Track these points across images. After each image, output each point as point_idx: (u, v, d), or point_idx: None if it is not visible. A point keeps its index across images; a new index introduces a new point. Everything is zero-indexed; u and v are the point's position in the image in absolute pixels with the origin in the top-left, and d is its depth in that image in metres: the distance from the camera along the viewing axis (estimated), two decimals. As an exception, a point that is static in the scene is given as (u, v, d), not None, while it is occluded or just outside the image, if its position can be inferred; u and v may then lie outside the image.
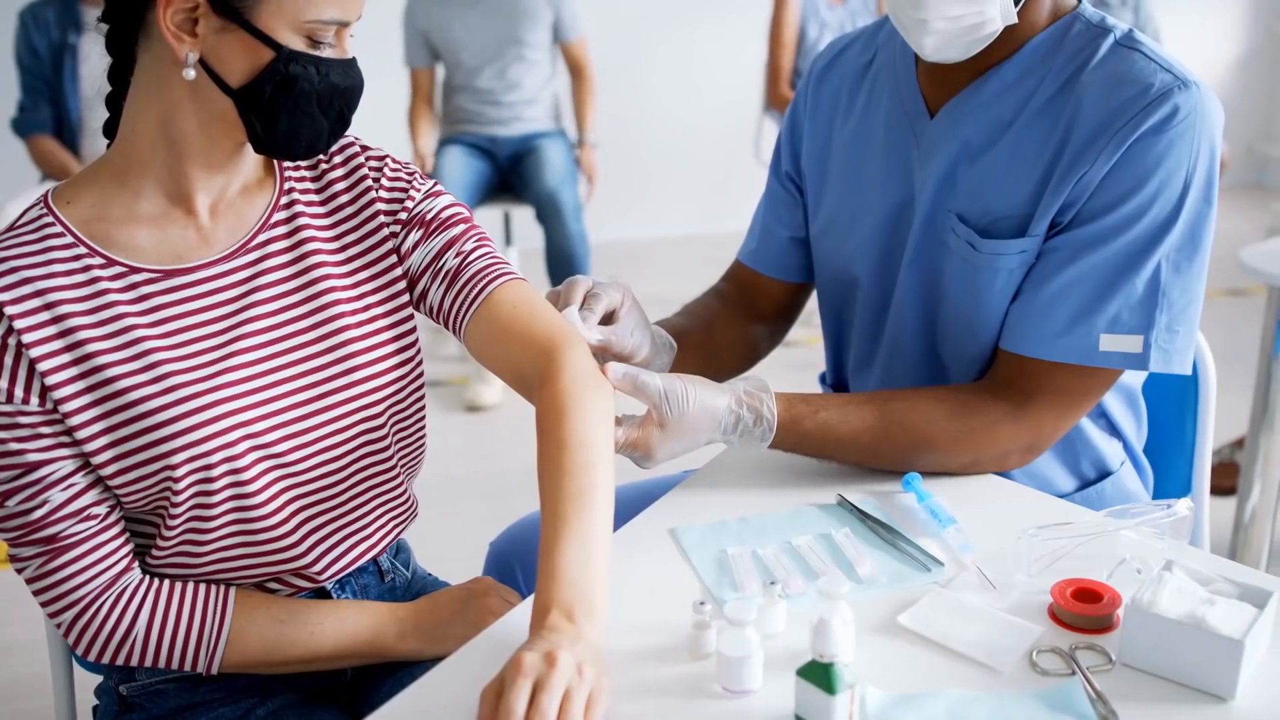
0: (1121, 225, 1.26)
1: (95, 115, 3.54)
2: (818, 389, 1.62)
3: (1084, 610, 1.08)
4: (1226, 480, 2.79)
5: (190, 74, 1.10)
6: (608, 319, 1.35)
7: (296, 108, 1.12)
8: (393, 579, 1.36)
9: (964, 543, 1.19)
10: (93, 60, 3.50)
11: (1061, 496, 1.43)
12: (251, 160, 1.22)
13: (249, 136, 1.14)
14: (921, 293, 1.41)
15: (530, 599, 1.10)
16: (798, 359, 3.27)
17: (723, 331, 1.58)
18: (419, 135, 3.92)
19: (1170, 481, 1.61)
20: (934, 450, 1.33)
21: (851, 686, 0.94)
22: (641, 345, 1.38)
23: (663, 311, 1.57)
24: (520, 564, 1.49)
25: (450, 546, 1.97)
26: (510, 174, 3.92)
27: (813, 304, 1.67)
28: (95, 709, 1.32)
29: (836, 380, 1.61)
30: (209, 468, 1.13)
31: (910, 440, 1.33)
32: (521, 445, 3.37)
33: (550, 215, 3.76)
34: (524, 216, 4.43)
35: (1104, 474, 1.46)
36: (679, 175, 5.60)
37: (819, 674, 0.94)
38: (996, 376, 1.35)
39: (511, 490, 3.12)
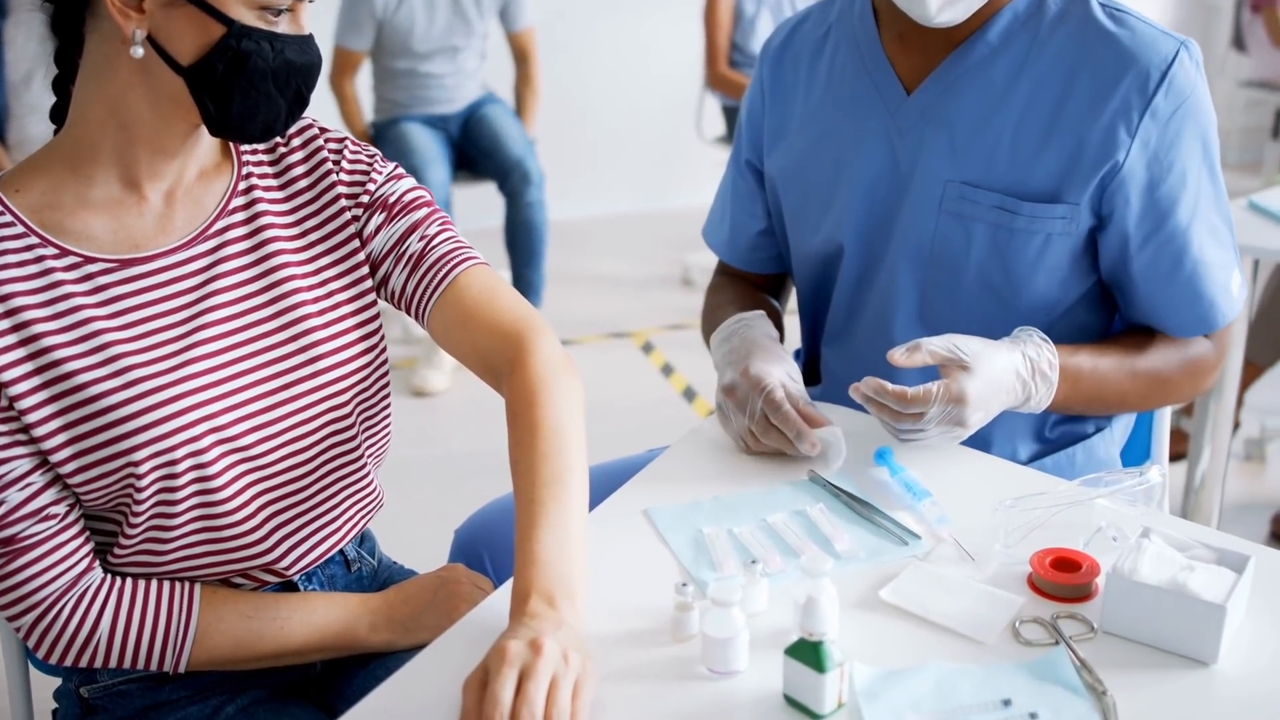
0: (1196, 190, 1.33)
1: (21, 102, 3.44)
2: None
3: (1064, 579, 1.08)
4: (1174, 447, 2.83)
5: (138, 52, 1.05)
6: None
7: (251, 86, 1.08)
8: (359, 568, 1.34)
9: (940, 515, 1.19)
10: (18, 45, 3.40)
11: (1030, 462, 1.44)
12: (208, 144, 1.18)
13: (203, 118, 1.10)
14: (915, 263, 1.40)
15: (504, 586, 1.08)
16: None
17: (751, 306, 1.55)
18: (355, 115, 3.85)
19: (1129, 449, 1.63)
20: (1166, 385, 1.39)
21: (841, 664, 0.93)
22: (794, 373, 1.37)
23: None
24: (489, 551, 1.47)
25: (408, 533, 1.94)
26: (466, 145, 3.88)
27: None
28: (55, 712, 1.28)
29: (810, 351, 1.60)
30: (173, 463, 1.10)
31: (1153, 378, 1.37)
32: (470, 429, 3.38)
33: (518, 184, 3.74)
34: (463, 196, 4.40)
35: (1074, 439, 1.47)
36: (620, 153, 5.57)
37: (808, 652, 0.93)
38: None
39: (465, 474, 3.10)
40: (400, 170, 1.27)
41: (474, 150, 3.86)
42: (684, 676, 1.00)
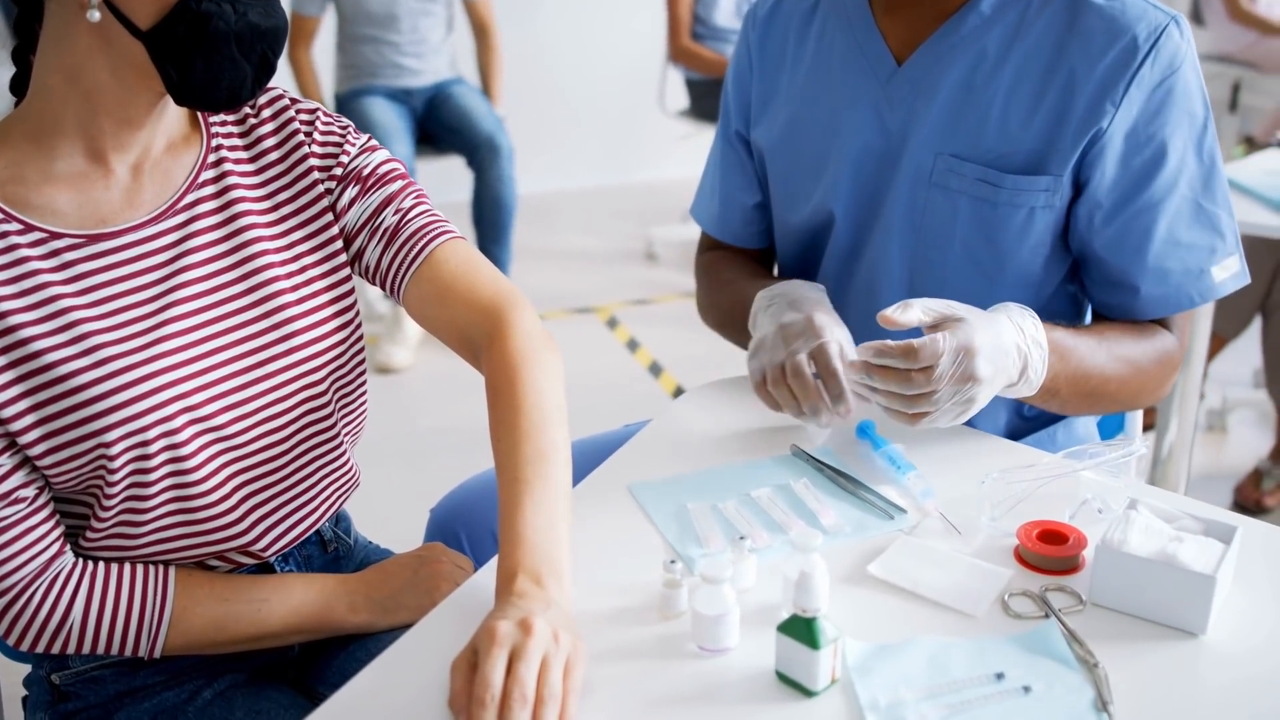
0: (1178, 167, 1.30)
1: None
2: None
3: (1051, 552, 1.08)
4: (1143, 419, 2.85)
5: (95, 16, 1.01)
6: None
7: (214, 50, 1.04)
8: (336, 549, 1.31)
9: (925, 489, 1.18)
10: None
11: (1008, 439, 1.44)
12: (174, 114, 1.14)
13: (165, 85, 1.06)
14: (904, 237, 1.38)
15: (487, 565, 1.07)
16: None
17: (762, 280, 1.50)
18: (312, 85, 3.78)
19: (1103, 423, 1.63)
20: (1142, 373, 1.33)
21: (835, 640, 0.92)
22: (849, 340, 1.29)
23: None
24: (466, 529, 1.45)
25: (378, 511, 1.92)
26: (429, 123, 3.83)
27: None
28: (25, 700, 1.25)
29: None
30: (146, 444, 1.07)
31: (1130, 364, 1.32)
32: (435, 405, 3.35)
33: (489, 159, 3.71)
34: (426, 170, 4.36)
35: (1054, 417, 1.46)
36: (583, 127, 5.53)
37: (802, 629, 0.92)
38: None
39: (432, 452, 3.07)
40: (374, 142, 1.24)
41: (439, 126, 3.81)
42: (674, 655, 0.99)
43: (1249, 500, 2.80)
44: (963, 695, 0.93)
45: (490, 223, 3.75)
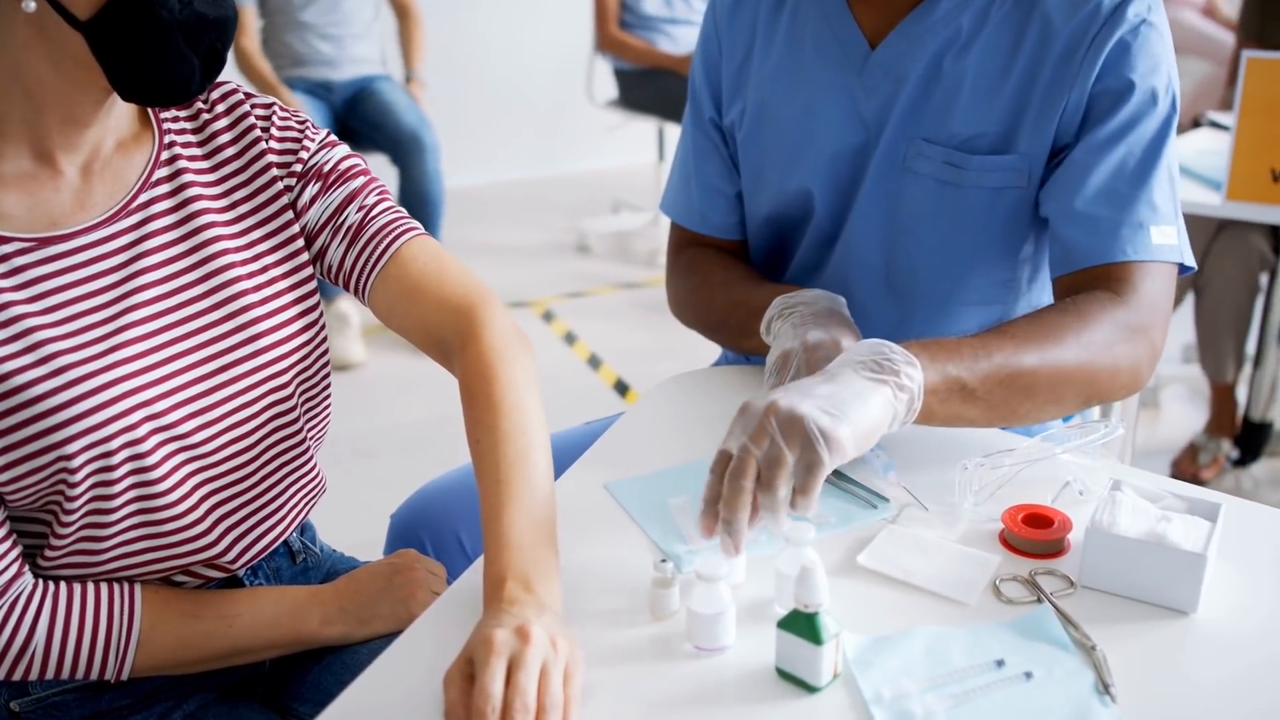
0: (1128, 122, 1.25)
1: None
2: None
3: (1037, 536, 1.07)
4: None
5: (30, 5, 0.96)
6: None
7: (158, 42, 0.99)
8: (304, 560, 1.27)
9: (887, 462, 1.16)
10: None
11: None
12: (123, 111, 1.09)
13: (110, 79, 1.00)
14: (879, 224, 1.37)
15: (471, 568, 1.04)
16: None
17: (759, 281, 1.45)
18: (265, 75, 3.67)
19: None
20: (1091, 351, 1.16)
21: (836, 635, 0.91)
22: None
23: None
24: (429, 535, 1.41)
25: (336, 513, 1.87)
26: (350, 118, 3.76)
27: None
28: (-21, 728, 1.20)
29: None
30: (108, 455, 1.02)
31: (1053, 343, 1.15)
32: (385, 403, 3.29)
33: (413, 154, 3.65)
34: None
35: None
36: (510, 118, 5.48)
37: (803, 625, 0.91)
38: (1078, 292, 1.24)
39: (386, 450, 3.01)
40: (332, 138, 1.20)
41: (361, 123, 3.74)
42: (669, 655, 0.96)
43: (1186, 474, 2.86)
44: (965, 685, 0.92)
45: (418, 219, 3.69)
